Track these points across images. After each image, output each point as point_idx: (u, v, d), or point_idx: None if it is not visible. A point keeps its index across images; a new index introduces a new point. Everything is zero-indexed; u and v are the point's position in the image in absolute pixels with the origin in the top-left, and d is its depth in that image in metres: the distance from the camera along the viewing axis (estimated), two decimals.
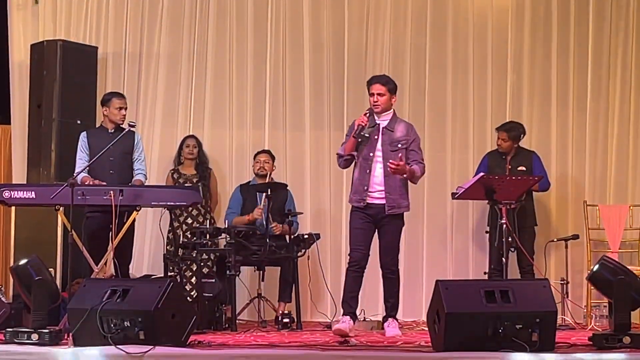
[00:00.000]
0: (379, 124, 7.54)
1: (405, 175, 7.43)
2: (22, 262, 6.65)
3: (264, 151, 9.30)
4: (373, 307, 9.17)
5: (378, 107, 7.52)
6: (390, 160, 7.31)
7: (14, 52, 9.85)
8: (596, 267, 6.52)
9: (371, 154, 7.46)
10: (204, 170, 9.44)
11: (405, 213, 7.61)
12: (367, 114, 7.48)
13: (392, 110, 7.64)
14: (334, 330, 7.16)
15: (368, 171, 7.47)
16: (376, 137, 7.50)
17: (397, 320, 7.64)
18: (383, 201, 7.46)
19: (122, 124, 8.18)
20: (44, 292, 6.52)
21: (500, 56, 9.93)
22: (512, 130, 8.97)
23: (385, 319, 7.69)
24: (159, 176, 9.57)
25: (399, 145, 7.49)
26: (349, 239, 7.67)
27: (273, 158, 9.25)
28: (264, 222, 8.56)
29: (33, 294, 6.49)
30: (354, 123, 7.57)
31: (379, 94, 7.53)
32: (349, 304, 7.51)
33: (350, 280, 7.55)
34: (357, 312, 7.68)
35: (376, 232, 7.61)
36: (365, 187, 7.47)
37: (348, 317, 7.42)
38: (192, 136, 9.56)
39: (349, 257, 7.59)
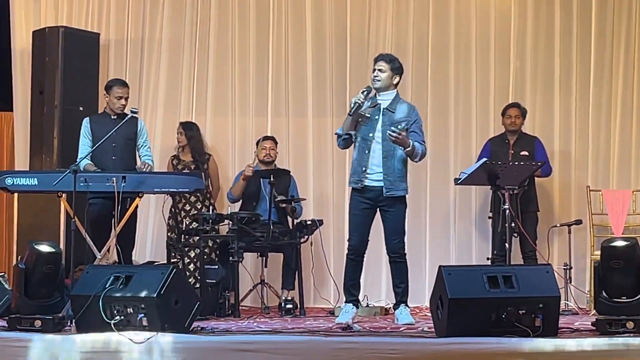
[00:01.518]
0: (380, 104, 7.44)
1: (407, 149, 7.26)
2: (52, 247, 6.56)
3: (268, 137, 9.28)
4: (376, 293, 9.21)
5: (377, 81, 7.40)
6: (391, 128, 7.20)
7: (15, 39, 9.85)
8: (635, 240, 6.25)
9: (370, 134, 7.34)
10: (199, 156, 9.38)
11: (407, 197, 7.52)
12: (364, 91, 7.35)
13: (395, 91, 7.50)
14: (336, 323, 7.12)
15: (367, 152, 7.34)
16: (377, 117, 7.38)
17: (408, 306, 7.51)
18: (381, 183, 7.35)
19: (122, 112, 8.17)
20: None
21: (503, 42, 9.90)
22: (521, 106, 9.07)
23: (396, 306, 7.52)
24: (161, 163, 9.57)
25: (399, 127, 7.32)
26: (348, 224, 7.59)
27: (276, 144, 9.25)
28: (267, 208, 8.55)
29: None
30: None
31: (379, 69, 7.40)
32: (351, 292, 7.49)
33: (351, 268, 7.51)
34: (360, 298, 7.66)
35: (379, 217, 7.53)
36: (364, 168, 7.35)
37: (350, 304, 7.41)
38: (180, 123, 9.51)
39: (348, 244, 7.55)
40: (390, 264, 7.55)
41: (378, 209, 7.46)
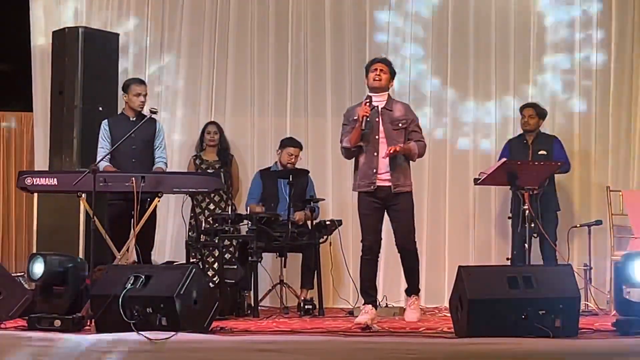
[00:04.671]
0: (376, 106, 7.48)
1: (404, 153, 7.42)
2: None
3: (295, 144, 9.13)
4: (394, 294, 9.17)
5: (379, 81, 7.48)
6: (387, 149, 7.31)
7: (35, 39, 9.89)
8: None
9: (376, 137, 7.42)
10: (226, 156, 9.44)
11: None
12: (367, 102, 7.41)
13: (387, 93, 7.58)
14: (355, 323, 7.11)
15: (375, 154, 7.41)
16: (377, 119, 7.45)
17: (419, 298, 7.52)
18: (389, 183, 7.39)
19: (141, 110, 8.19)
20: None
21: (523, 41, 9.87)
22: (538, 106, 9.02)
23: (408, 293, 7.60)
24: (181, 162, 9.60)
25: (400, 125, 7.46)
26: (360, 226, 7.61)
27: (300, 150, 9.19)
28: (286, 209, 8.55)
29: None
30: (351, 112, 7.60)
31: (381, 70, 7.50)
32: (368, 293, 7.50)
33: (366, 269, 7.52)
34: (379, 298, 7.65)
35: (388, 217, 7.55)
36: (375, 170, 7.41)
37: (369, 305, 7.41)
38: (213, 122, 9.55)
39: (362, 245, 7.55)
40: (401, 258, 7.63)
41: (386, 210, 7.48)
